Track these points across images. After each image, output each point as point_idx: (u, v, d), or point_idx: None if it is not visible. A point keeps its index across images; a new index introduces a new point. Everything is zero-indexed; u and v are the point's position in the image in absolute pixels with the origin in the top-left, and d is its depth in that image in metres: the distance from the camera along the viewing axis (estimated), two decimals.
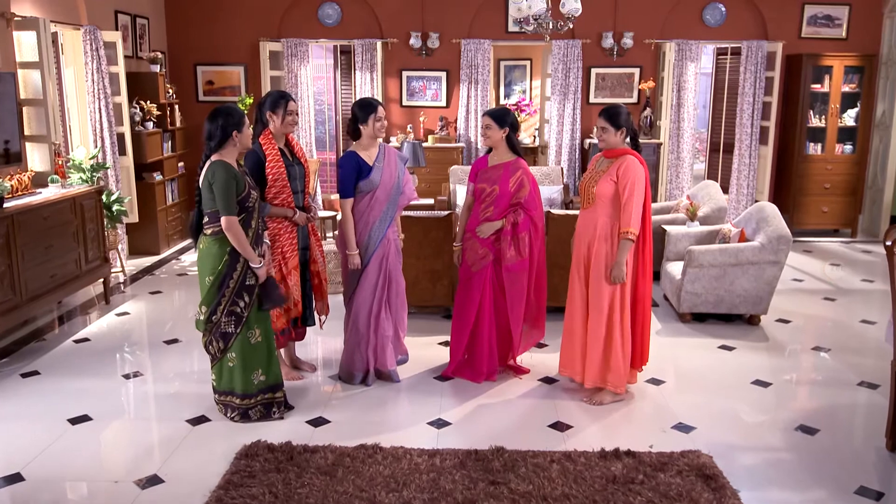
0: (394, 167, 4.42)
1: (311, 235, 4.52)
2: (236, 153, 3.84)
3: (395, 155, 4.51)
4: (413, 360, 4.88)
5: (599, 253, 4.11)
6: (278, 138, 4.35)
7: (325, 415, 4.06)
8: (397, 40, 8.84)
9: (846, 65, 8.53)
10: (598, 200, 4.10)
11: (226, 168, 3.72)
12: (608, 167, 4.10)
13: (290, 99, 4.28)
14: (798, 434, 3.89)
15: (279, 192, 4.24)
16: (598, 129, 4.18)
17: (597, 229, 4.11)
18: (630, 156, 4.06)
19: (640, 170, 4.02)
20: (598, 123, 4.18)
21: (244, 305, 3.82)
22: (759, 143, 8.94)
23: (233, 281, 3.79)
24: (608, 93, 8.99)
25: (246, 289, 3.81)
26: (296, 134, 8.79)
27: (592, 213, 4.13)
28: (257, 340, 3.92)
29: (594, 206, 4.12)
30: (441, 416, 4.05)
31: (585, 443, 3.74)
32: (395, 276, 4.50)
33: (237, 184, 3.73)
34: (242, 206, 3.75)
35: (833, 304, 6.23)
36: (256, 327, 3.90)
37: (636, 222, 3.99)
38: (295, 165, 4.39)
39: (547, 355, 4.97)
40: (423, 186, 8.42)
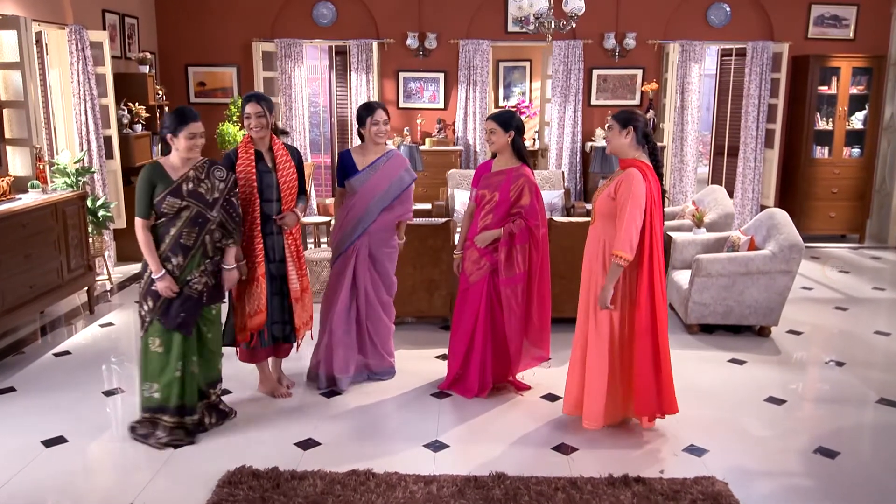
0: (386, 181, 4.23)
1: (287, 252, 4.17)
2: (180, 157, 3.69)
3: (398, 169, 4.32)
4: (409, 373, 4.66)
5: (595, 274, 3.76)
6: (258, 143, 4.11)
7: (314, 436, 3.82)
8: (394, 41, 8.61)
9: (854, 66, 8.32)
10: (598, 220, 3.77)
11: (148, 170, 3.66)
12: (611, 180, 3.76)
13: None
14: (817, 458, 3.66)
15: (245, 199, 3.99)
16: (606, 128, 3.93)
17: (601, 250, 3.74)
18: (634, 169, 3.62)
19: (640, 186, 3.54)
20: (607, 122, 3.94)
21: (147, 310, 3.69)
22: (764, 147, 8.72)
23: (143, 282, 3.70)
24: (610, 95, 8.77)
25: (150, 293, 3.66)
26: (290, 136, 8.58)
27: (595, 231, 3.80)
28: (156, 350, 3.71)
29: (596, 224, 3.80)
30: (438, 438, 3.82)
31: (592, 468, 3.51)
32: (364, 285, 4.37)
33: (156, 187, 3.60)
34: (158, 211, 3.61)
35: (845, 314, 6.01)
36: (157, 336, 3.69)
37: (629, 245, 3.53)
38: (272, 173, 4.11)
39: (550, 370, 4.73)
40: (420, 191, 8.18)
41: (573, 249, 5.25)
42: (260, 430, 3.90)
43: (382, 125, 4.35)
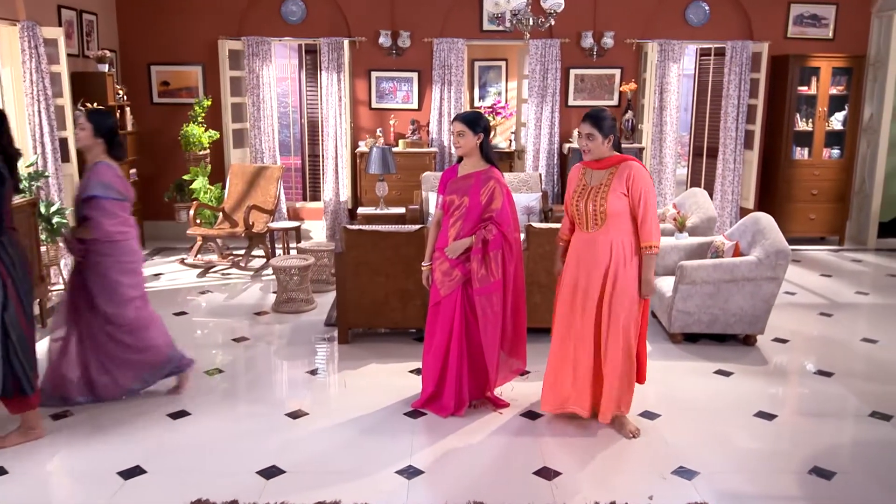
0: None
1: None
2: None
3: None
4: (381, 389, 4.40)
5: (623, 277, 3.68)
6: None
7: (279, 463, 3.55)
8: (366, 39, 8.34)
9: (834, 66, 8.21)
10: (610, 220, 3.64)
11: None
12: (608, 179, 3.65)
13: None
14: (813, 479, 3.47)
15: None
16: (582, 135, 3.73)
17: (613, 252, 3.67)
18: (633, 162, 3.66)
19: (647, 176, 3.69)
20: (581, 129, 3.73)
21: None
22: (743, 148, 8.58)
23: None
24: (587, 95, 8.58)
25: None
26: (259, 137, 8.29)
27: (604, 235, 3.67)
28: None
29: (606, 226, 3.66)
30: (412, 463, 3.56)
31: (577, 494, 3.28)
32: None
33: None
34: None
35: (830, 321, 5.86)
36: None
37: (658, 234, 3.67)
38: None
39: (529, 385, 4.50)
40: (394, 194, 7.93)
41: (552, 256, 5.03)
42: (219, 458, 3.62)
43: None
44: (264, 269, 7.20)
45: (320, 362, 4.95)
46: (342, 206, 8.51)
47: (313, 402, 4.32)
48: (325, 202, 8.52)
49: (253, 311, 5.98)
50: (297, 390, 4.54)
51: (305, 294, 6.00)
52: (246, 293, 6.50)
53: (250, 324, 5.68)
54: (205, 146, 7.94)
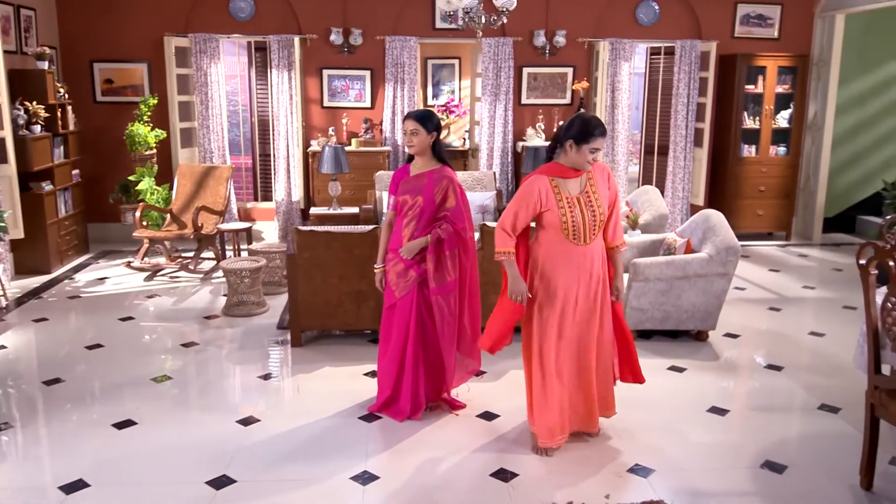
0: None
1: None
2: None
3: None
4: (336, 393, 4.32)
5: (605, 281, 3.63)
6: None
7: (229, 472, 3.45)
8: (317, 36, 8.22)
9: (779, 65, 8.38)
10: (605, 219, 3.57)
11: None
12: (589, 185, 3.51)
13: None
14: (765, 473, 3.51)
15: None
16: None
17: (601, 259, 3.60)
18: (599, 162, 3.58)
19: None
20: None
21: None
22: (693, 146, 8.71)
23: None
24: (540, 93, 8.60)
25: None
26: (207, 137, 8.10)
27: (597, 244, 3.57)
28: None
29: (597, 235, 3.56)
30: (367, 469, 3.50)
31: (534, 496, 3.26)
32: None
33: None
34: None
35: (779, 315, 5.97)
36: None
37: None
38: None
39: (485, 385, 4.48)
40: (347, 194, 7.84)
41: None
42: (166, 469, 3.50)
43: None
44: (214, 272, 7.04)
45: (273, 366, 4.85)
46: (294, 207, 8.38)
47: (266, 407, 4.22)
48: (277, 202, 8.37)
49: (203, 314, 5.84)
50: (249, 396, 4.43)
51: (257, 297, 5.87)
52: (195, 297, 6.34)
53: (200, 328, 5.54)
54: (151, 146, 7.73)
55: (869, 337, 3.29)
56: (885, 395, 3.25)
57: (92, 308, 6.00)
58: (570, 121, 3.48)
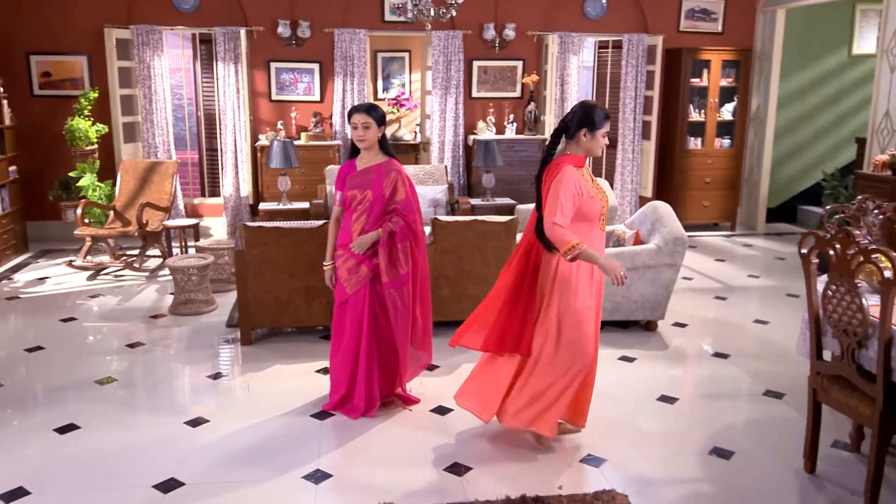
0: None
1: None
2: None
3: None
4: (287, 392, 4.26)
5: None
6: None
7: (177, 474, 3.36)
8: (263, 29, 8.08)
9: (723, 59, 8.55)
10: None
11: None
12: (590, 175, 3.58)
13: None
14: (713, 459, 3.58)
15: None
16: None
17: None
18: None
19: None
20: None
21: None
22: (641, 138, 8.83)
23: None
24: (491, 87, 8.61)
25: None
26: (152, 131, 7.90)
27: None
28: None
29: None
30: (319, 467, 3.46)
31: (487, 488, 3.26)
32: None
33: None
34: None
35: (725, 304, 6.10)
36: None
37: None
38: None
39: (438, 379, 4.47)
40: (297, 189, 7.73)
41: (458, 249, 5.02)
42: (111, 474, 3.40)
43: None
44: (160, 270, 6.88)
45: (222, 366, 4.76)
46: (243, 202, 8.23)
47: (215, 408, 4.14)
48: (225, 198, 8.22)
49: (149, 314, 5.69)
50: (198, 396, 4.34)
51: (205, 294, 5.75)
52: (141, 295, 6.19)
53: (146, 328, 5.40)
54: (92, 141, 7.50)
55: (811, 324, 3.37)
56: (827, 380, 3.35)
57: (32, 309, 5.80)
58: (573, 111, 3.47)
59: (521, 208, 7.05)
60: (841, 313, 3.15)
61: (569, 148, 3.49)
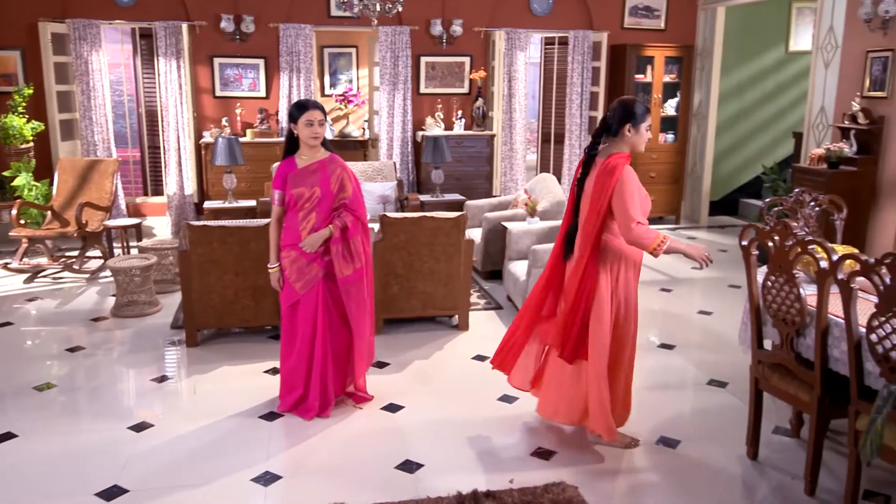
0: None
1: None
2: None
3: None
4: (235, 393, 4.19)
5: None
6: None
7: (120, 481, 3.27)
8: (206, 23, 7.92)
9: (666, 55, 8.71)
10: None
11: None
12: None
13: None
14: (660, 448, 3.65)
15: None
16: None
17: None
18: None
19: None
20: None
21: None
22: (588, 134, 8.94)
23: None
24: (438, 83, 8.61)
25: None
26: (90, 129, 7.68)
27: None
28: None
29: None
30: (268, 468, 3.41)
31: (439, 485, 3.26)
32: None
33: None
34: None
35: (670, 296, 6.23)
36: None
37: None
38: None
39: (389, 377, 4.46)
40: (243, 186, 7.61)
41: (408, 246, 5.01)
42: (52, 482, 3.29)
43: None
44: (101, 271, 6.68)
45: (167, 368, 4.65)
46: (188, 201, 8.07)
47: (160, 412, 4.04)
48: (169, 197, 8.04)
49: (90, 317, 5.53)
50: (143, 400, 4.23)
51: (149, 296, 5.61)
52: (81, 298, 6.01)
53: (87, 331, 5.25)
54: (28, 139, 7.24)
55: (751, 314, 3.46)
56: (768, 368, 3.44)
57: None
58: (613, 109, 3.46)
59: (471, 204, 7.08)
60: (780, 303, 3.24)
61: (614, 146, 3.47)
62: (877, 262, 2.68)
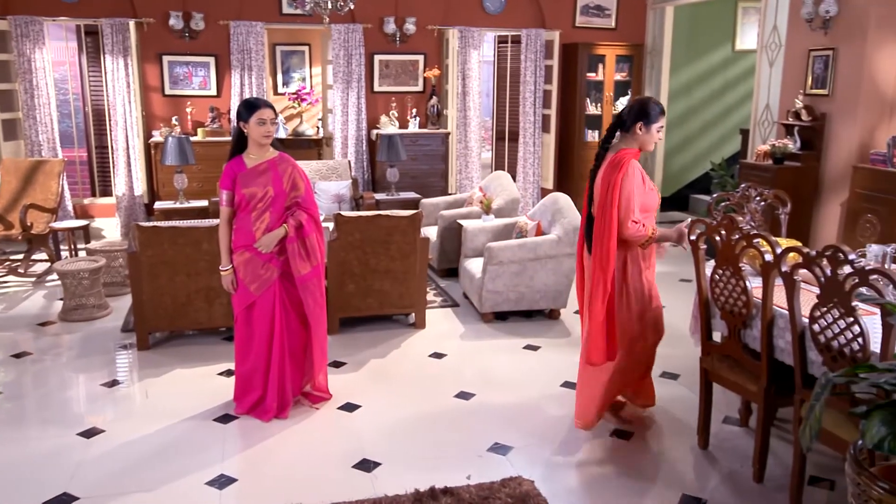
0: None
1: None
2: None
3: None
4: (188, 396, 4.13)
5: None
6: None
7: (70, 488, 3.20)
8: (154, 20, 7.77)
9: (617, 54, 8.83)
10: None
11: None
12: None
13: None
14: (614, 440, 3.71)
15: None
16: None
17: None
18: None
19: None
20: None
21: None
22: (542, 131, 9.03)
23: None
24: (393, 81, 8.59)
25: None
26: (34, 128, 7.47)
27: None
28: None
29: None
30: (223, 471, 3.37)
31: (397, 482, 3.27)
32: None
33: None
34: None
35: None
36: None
37: None
38: None
39: (345, 376, 4.44)
40: (195, 186, 7.49)
41: (363, 245, 4.99)
42: None
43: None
44: (48, 274, 6.51)
45: (118, 373, 4.55)
46: (137, 202, 7.91)
47: (111, 417, 3.96)
48: (118, 197, 7.87)
49: (36, 321, 5.39)
50: (92, 406, 4.14)
51: (98, 299, 5.49)
52: (27, 302, 5.84)
53: (34, 336, 5.11)
54: None
55: (700, 307, 3.55)
56: (716, 360, 3.53)
57: None
58: (630, 106, 3.57)
59: (426, 202, 7.09)
60: (727, 296, 3.33)
61: (624, 142, 3.57)
62: (818, 254, 2.77)
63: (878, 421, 2.08)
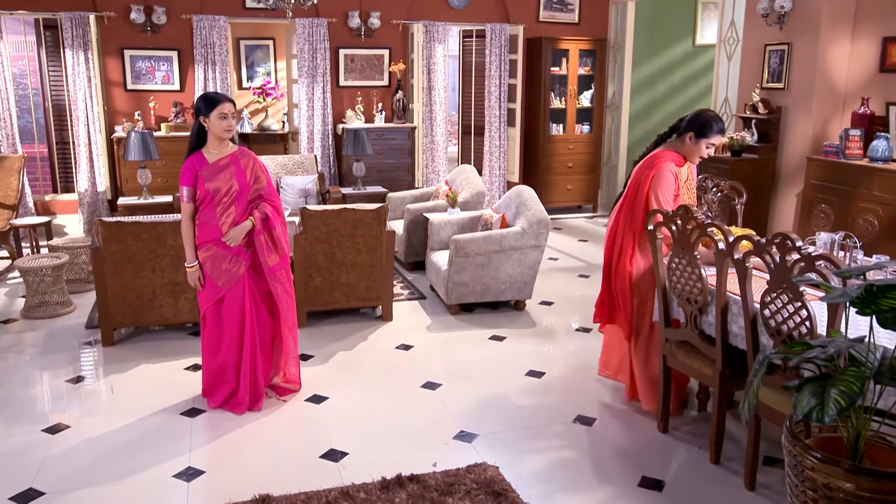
0: None
1: None
2: None
3: None
4: (155, 390, 4.13)
5: None
6: None
7: (36, 484, 3.19)
8: (115, 14, 7.67)
9: (580, 48, 8.94)
10: None
11: None
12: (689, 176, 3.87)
13: None
14: (577, 427, 3.80)
15: None
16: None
17: None
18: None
19: None
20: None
21: None
22: (507, 125, 9.11)
23: None
24: (358, 75, 8.60)
25: None
26: None
27: None
28: None
29: None
30: (191, 464, 3.39)
31: (364, 471, 3.32)
32: None
33: None
34: None
35: (588, 282, 6.43)
36: None
37: None
38: None
39: (313, 368, 4.47)
40: (159, 182, 7.44)
41: (329, 238, 5.02)
42: None
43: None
44: (9, 272, 6.43)
45: (83, 369, 4.53)
46: (100, 198, 7.82)
47: (77, 413, 3.94)
48: (81, 193, 7.77)
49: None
50: (57, 403, 4.11)
51: (61, 296, 5.44)
52: None
53: None
54: None
55: (659, 294, 3.64)
56: (674, 346, 3.63)
57: None
58: (694, 114, 3.73)
59: (393, 196, 7.13)
60: (684, 283, 3.43)
61: (671, 145, 3.76)
62: (767, 242, 2.88)
63: (808, 393, 2.22)
